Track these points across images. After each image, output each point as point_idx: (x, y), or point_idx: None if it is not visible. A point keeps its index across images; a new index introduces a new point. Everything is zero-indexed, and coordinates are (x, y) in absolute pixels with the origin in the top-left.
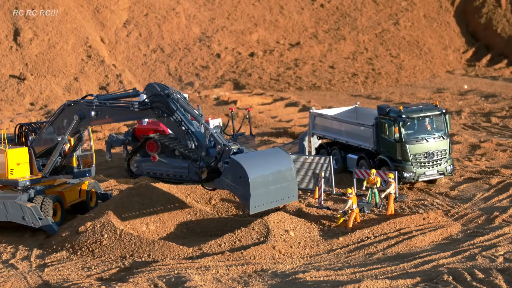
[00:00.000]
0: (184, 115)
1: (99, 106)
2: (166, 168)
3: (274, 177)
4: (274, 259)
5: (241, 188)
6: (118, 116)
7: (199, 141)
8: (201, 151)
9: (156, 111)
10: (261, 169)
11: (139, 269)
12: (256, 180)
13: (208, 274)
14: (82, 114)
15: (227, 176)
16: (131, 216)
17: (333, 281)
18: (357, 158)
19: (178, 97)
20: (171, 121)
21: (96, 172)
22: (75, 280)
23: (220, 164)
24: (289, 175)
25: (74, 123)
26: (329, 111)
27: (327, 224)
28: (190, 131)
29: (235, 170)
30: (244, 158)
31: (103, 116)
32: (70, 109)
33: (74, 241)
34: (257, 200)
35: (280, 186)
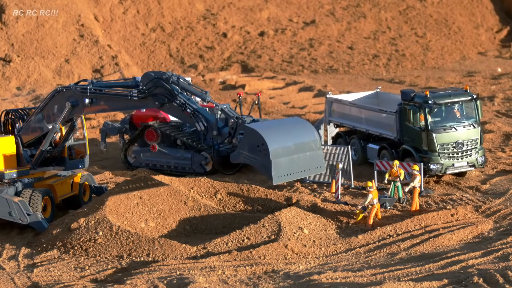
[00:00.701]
0: (189, 98)
1: (94, 93)
2: (167, 159)
3: (296, 145)
4: (286, 259)
5: (260, 157)
6: (114, 105)
7: (208, 121)
8: (212, 131)
9: (157, 98)
10: (281, 136)
11: (137, 269)
12: (276, 147)
13: (213, 275)
14: (75, 101)
15: (243, 148)
16: (129, 212)
17: (351, 283)
18: (378, 148)
19: (178, 80)
20: (175, 107)
21: (90, 164)
22: (67, 281)
23: (236, 140)
24: (313, 144)
25: (66, 110)
26: (347, 97)
27: (344, 221)
28: (197, 112)
29: (251, 139)
30: (260, 125)
31: (98, 104)
32: (62, 95)
33: (66, 239)
34: (280, 169)
35: (304, 156)
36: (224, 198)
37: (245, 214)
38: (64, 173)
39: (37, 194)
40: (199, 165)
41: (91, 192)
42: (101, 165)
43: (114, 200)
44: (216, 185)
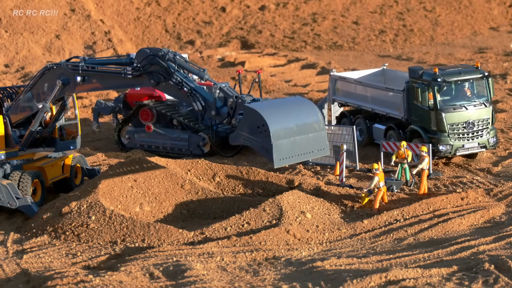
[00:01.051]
0: (186, 77)
1: (86, 70)
2: (162, 140)
3: (299, 126)
4: (288, 244)
5: (261, 139)
6: (107, 83)
7: (206, 100)
8: (211, 111)
9: (152, 76)
10: (282, 117)
11: (132, 256)
12: (278, 127)
13: (211, 262)
14: (66, 79)
15: (243, 128)
16: (123, 196)
17: (356, 270)
18: (384, 129)
19: (174, 57)
20: (171, 85)
21: (82, 145)
22: (58, 268)
23: (235, 120)
24: (316, 125)
25: (56, 89)
26: (352, 74)
27: (349, 205)
28: (194, 90)
29: (251, 120)
30: (261, 105)
31: (90, 82)
32: (52, 72)
33: (57, 224)
34: (281, 151)
35: (307, 137)
36: (222, 181)
37: (245, 198)
38: (54, 154)
39: (27, 176)
40: (196, 146)
41: (83, 175)
42: (93, 146)
43: (107, 183)
44: (214, 168)
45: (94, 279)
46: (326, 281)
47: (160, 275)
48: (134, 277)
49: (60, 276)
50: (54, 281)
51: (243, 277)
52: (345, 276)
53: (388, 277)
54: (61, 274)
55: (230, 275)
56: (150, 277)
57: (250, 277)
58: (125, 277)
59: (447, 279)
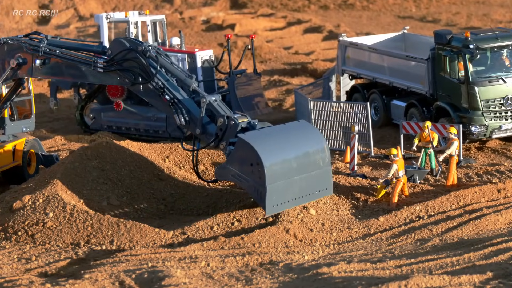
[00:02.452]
0: (168, 79)
1: (49, 53)
2: (135, 120)
3: (299, 163)
4: (288, 247)
5: (253, 180)
6: (71, 72)
7: (191, 114)
8: (195, 128)
9: (127, 74)
10: (280, 151)
11: (98, 260)
12: (275, 168)
13: (195, 267)
14: (22, 60)
15: (232, 163)
16: (87, 188)
17: (370, 277)
18: (405, 106)
19: (157, 55)
20: (150, 89)
21: (37, 126)
22: (8, 275)
23: (223, 145)
24: (320, 160)
25: (9, 69)
26: (366, 40)
27: (362, 199)
28: (177, 100)
29: (243, 154)
30: (257, 137)
31: (51, 68)
32: (5, 49)
33: (7, 222)
34: (276, 196)
35: (308, 176)
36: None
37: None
38: (3, 138)
39: None
40: (176, 127)
41: (38, 163)
42: (50, 127)
43: (67, 172)
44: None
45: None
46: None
47: (132, 283)
48: (100, 286)
49: (12, 285)
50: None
51: (233, 286)
52: (357, 285)
53: (408, 286)
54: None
55: (217, 283)
56: (120, 286)
57: (242, 286)
58: (90, 286)
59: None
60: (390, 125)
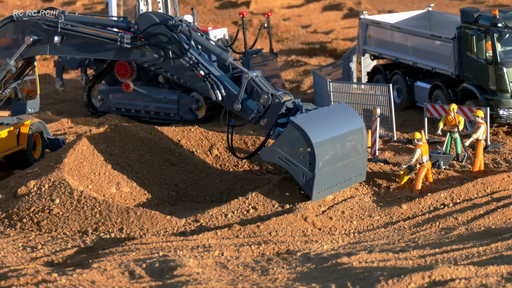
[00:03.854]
0: (201, 54)
1: (68, 29)
2: (145, 102)
3: (343, 149)
4: (306, 235)
5: (302, 164)
6: (93, 49)
7: (227, 90)
8: (233, 104)
9: (157, 50)
10: (329, 138)
11: (106, 249)
12: (324, 154)
13: (208, 257)
14: (38, 37)
15: (281, 146)
16: (95, 173)
17: (392, 268)
18: (429, 88)
19: (189, 30)
20: (182, 65)
21: (42, 108)
22: (13, 265)
23: (264, 121)
24: (359, 145)
25: (24, 46)
26: (388, 18)
27: (384, 185)
28: (212, 75)
29: (295, 138)
30: (308, 122)
31: (70, 45)
32: (19, 25)
33: (11, 209)
34: (322, 182)
35: (349, 162)
36: (222, 155)
37: (250, 176)
38: (7, 120)
39: None
40: (188, 110)
41: (43, 146)
42: (56, 110)
43: (74, 156)
44: (211, 137)
45: (59, 279)
46: (354, 281)
47: (143, 273)
48: (109, 276)
49: (16, 274)
50: (8, 280)
51: (248, 277)
52: (378, 276)
53: (432, 277)
54: (18, 272)
55: (231, 273)
56: (130, 276)
57: (257, 277)
58: (98, 276)
59: (508, 279)
60: (413, 108)
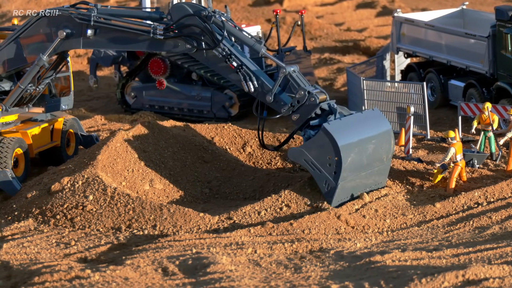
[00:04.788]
0: (233, 45)
1: (101, 23)
2: (178, 99)
3: (369, 159)
4: (339, 233)
5: (326, 172)
6: (126, 42)
7: (262, 82)
8: (266, 96)
9: (190, 41)
10: (358, 149)
11: (140, 246)
12: (350, 165)
13: (241, 254)
14: (71, 32)
15: (309, 149)
16: (128, 170)
17: (425, 266)
18: (463, 86)
19: (222, 21)
20: (215, 56)
21: (76, 105)
22: (47, 260)
23: (296, 116)
24: (385, 155)
25: (57, 41)
26: (422, 16)
27: (417, 184)
28: (245, 66)
29: (324, 146)
30: (340, 130)
31: (103, 38)
32: (52, 20)
33: (45, 205)
34: (343, 192)
35: (372, 172)
36: (255, 152)
37: (283, 174)
38: (41, 117)
39: (6, 145)
40: (221, 107)
41: (77, 143)
42: (90, 106)
43: (108, 153)
44: (244, 135)
45: (93, 275)
46: (387, 279)
47: (176, 270)
48: (143, 272)
49: (50, 270)
50: (42, 276)
51: (281, 274)
52: (412, 274)
53: (466, 276)
54: (51, 268)
55: (264, 271)
56: (163, 272)
57: (290, 274)
58: (131, 272)
59: None
60: (447, 106)
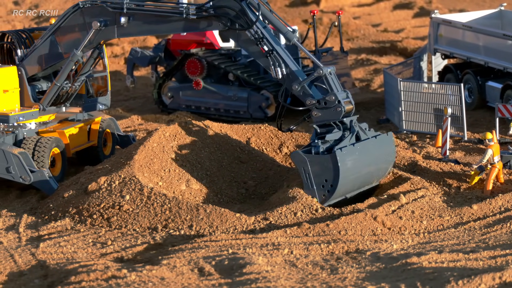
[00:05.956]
0: (266, 27)
1: (134, 9)
2: (214, 99)
3: (361, 184)
4: (375, 235)
5: (317, 191)
6: (160, 26)
7: (291, 71)
8: (293, 84)
9: (223, 20)
10: (357, 181)
11: (176, 246)
12: (341, 192)
13: (277, 255)
14: (105, 21)
15: (313, 163)
16: (165, 170)
17: (462, 268)
18: (501, 88)
19: (258, 3)
20: (247, 37)
21: (113, 105)
22: (83, 260)
23: (317, 113)
24: (376, 180)
25: (92, 32)
26: (460, 17)
27: (454, 186)
28: (276, 52)
29: (327, 169)
30: (347, 161)
31: (137, 24)
32: (85, 12)
33: (82, 205)
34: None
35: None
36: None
37: None
38: (78, 116)
39: (44, 144)
40: (258, 107)
41: (114, 143)
42: (126, 106)
43: (145, 153)
44: (281, 135)
45: (129, 275)
46: (424, 281)
47: (212, 270)
48: (179, 272)
49: (86, 270)
50: (78, 276)
51: (318, 275)
52: (448, 276)
53: (503, 278)
54: (87, 268)
55: (301, 272)
56: (200, 273)
57: (327, 275)
58: (167, 272)
59: None
60: (484, 107)
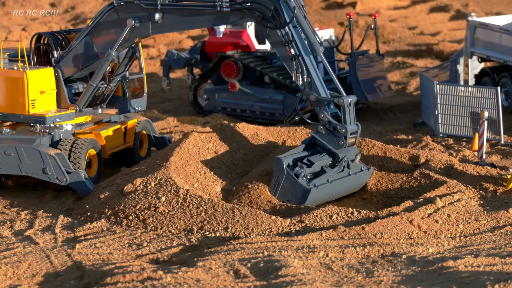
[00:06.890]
0: (297, 29)
1: (167, 5)
2: (250, 101)
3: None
4: (411, 238)
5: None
6: (195, 20)
7: (313, 81)
8: (311, 93)
9: (256, 13)
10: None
11: (211, 248)
12: None
13: (313, 257)
14: (139, 18)
15: (287, 180)
16: (200, 172)
17: (498, 272)
18: None
19: (295, 6)
20: (276, 35)
21: (149, 106)
22: (119, 261)
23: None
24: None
25: (126, 30)
26: (497, 20)
27: (491, 189)
28: (302, 58)
29: (295, 194)
30: (319, 198)
31: (172, 20)
32: (120, 11)
33: (118, 206)
34: None
35: None
36: None
37: None
38: (114, 118)
39: (80, 145)
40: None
41: (150, 144)
42: (162, 108)
43: (181, 155)
44: None
45: (165, 276)
46: (460, 285)
47: (248, 272)
48: (214, 274)
49: (122, 271)
50: (114, 277)
51: (353, 278)
52: (484, 280)
53: None
54: (123, 269)
55: (336, 275)
56: (235, 275)
57: (362, 278)
58: (203, 274)
59: None
60: None
